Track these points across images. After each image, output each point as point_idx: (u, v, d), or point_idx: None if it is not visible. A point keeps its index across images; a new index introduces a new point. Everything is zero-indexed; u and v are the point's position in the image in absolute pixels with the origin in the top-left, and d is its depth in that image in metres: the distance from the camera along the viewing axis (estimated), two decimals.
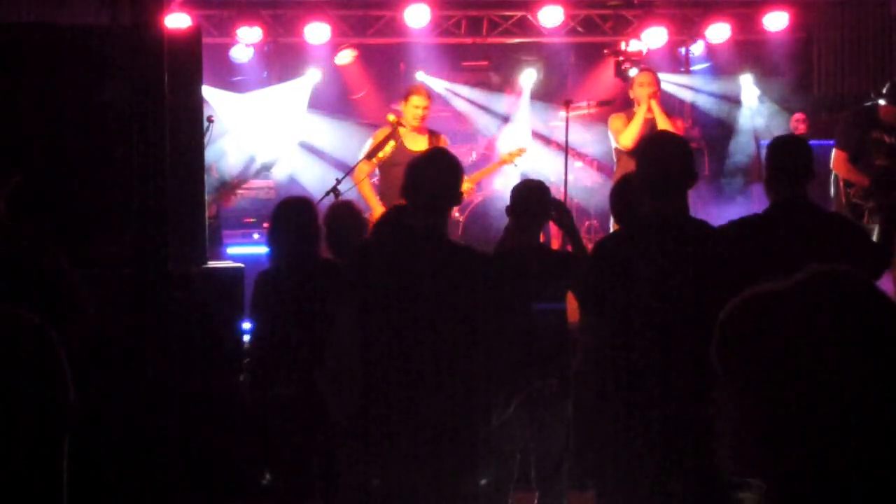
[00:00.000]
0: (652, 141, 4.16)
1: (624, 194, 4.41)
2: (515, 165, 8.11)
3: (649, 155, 3.67)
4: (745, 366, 1.33)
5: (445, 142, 7.47)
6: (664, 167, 3.54)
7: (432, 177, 3.56)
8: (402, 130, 7.22)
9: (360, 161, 7.32)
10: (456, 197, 3.66)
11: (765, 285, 1.36)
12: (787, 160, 4.51)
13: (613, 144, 7.61)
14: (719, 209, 9.07)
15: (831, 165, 7.09)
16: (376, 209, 7.00)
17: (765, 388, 1.31)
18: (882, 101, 7.00)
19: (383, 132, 7.32)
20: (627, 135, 7.32)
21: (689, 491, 3.38)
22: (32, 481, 2.10)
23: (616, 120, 7.54)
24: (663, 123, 7.23)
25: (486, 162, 9.30)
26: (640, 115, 7.35)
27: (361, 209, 5.28)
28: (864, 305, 1.31)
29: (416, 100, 7.18)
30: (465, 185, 7.54)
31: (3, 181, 4.42)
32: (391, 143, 7.18)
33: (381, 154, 7.24)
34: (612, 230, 7.48)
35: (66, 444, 2.14)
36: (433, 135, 7.37)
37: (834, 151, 7.10)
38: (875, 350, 1.28)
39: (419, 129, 7.25)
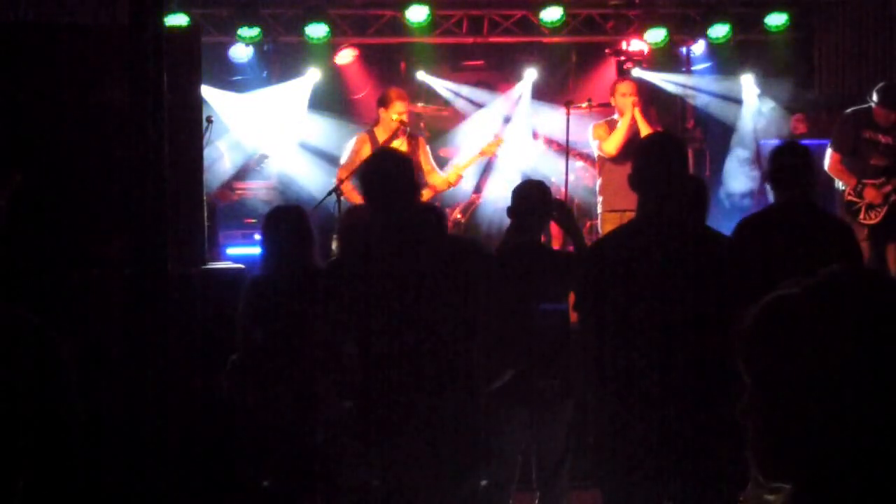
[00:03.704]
0: (652, 141, 4.15)
1: None
2: (496, 156, 8.12)
3: (650, 155, 3.66)
4: (771, 370, 1.32)
5: (424, 145, 7.55)
6: (665, 167, 3.53)
7: (391, 174, 3.60)
8: (379, 136, 7.25)
9: (344, 171, 7.25)
10: (414, 187, 3.70)
11: (786, 287, 1.34)
12: (785, 163, 4.61)
13: (596, 152, 7.73)
14: (720, 209, 9.07)
15: (825, 166, 7.30)
16: None
17: (791, 391, 1.30)
18: (875, 103, 7.18)
19: (360, 138, 7.32)
20: (612, 142, 7.49)
21: (688, 491, 3.37)
22: (36, 483, 2.09)
23: (598, 128, 7.71)
24: (647, 132, 7.32)
25: (491, 166, 9.29)
26: (624, 123, 7.51)
27: None
28: (890, 304, 1.30)
29: (400, 106, 7.22)
30: (452, 177, 7.54)
31: (4, 180, 4.42)
32: (394, 143, 7.20)
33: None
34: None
35: (72, 447, 2.13)
36: (412, 137, 7.39)
37: (828, 152, 7.32)
38: None
39: (399, 134, 7.27)
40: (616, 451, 3.45)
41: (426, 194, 7.38)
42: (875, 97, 7.25)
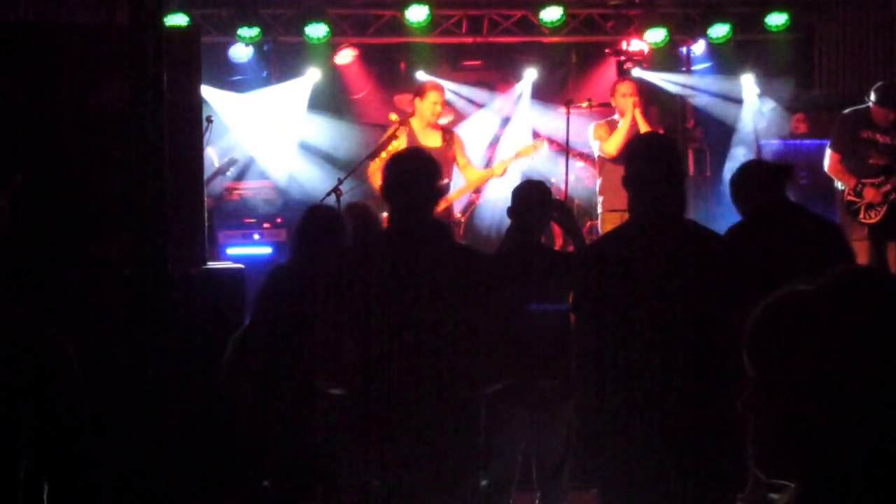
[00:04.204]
0: (649, 141, 4.14)
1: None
2: (533, 158, 8.15)
3: (650, 154, 3.65)
4: (779, 366, 1.31)
5: (459, 140, 7.51)
6: (665, 167, 3.52)
7: (412, 175, 3.59)
8: (415, 127, 7.25)
9: (368, 160, 7.32)
10: (435, 194, 3.68)
11: (797, 285, 1.34)
12: (761, 175, 4.70)
13: (596, 153, 7.76)
14: (720, 209, 9.07)
15: (824, 166, 7.39)
16: None
17: (799, 388, 1.29)
18: (873, 103, 7.24)
19: (392, 131, 7.35)
20: (612, 143, 7.52)
21: (688, 491, 3.37)
22: (39, 482, 2.09)
23: (599, 128, 7.73)
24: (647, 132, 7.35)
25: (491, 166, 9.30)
26: (624, 123, 7.55)
27: (377, 210, 5.33)
28: None
29: (434, 95, 7.24)
30: (498, 170, 7.50)
31: (4, 181, 4.41)
32: (395, 142, 7.23)
33: (386, 151, 7.30)
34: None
35: (76, 447, 2.13)
36: (447, 132, 7.40)
37: (827, 152, 7.39)
38: None
39: (434, 126, 7.28)
40: (616, 451, 3.45)
41: (464, 189, 7.38)
42: (873, 97, 7.31)
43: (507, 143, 9.68)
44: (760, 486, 4.64)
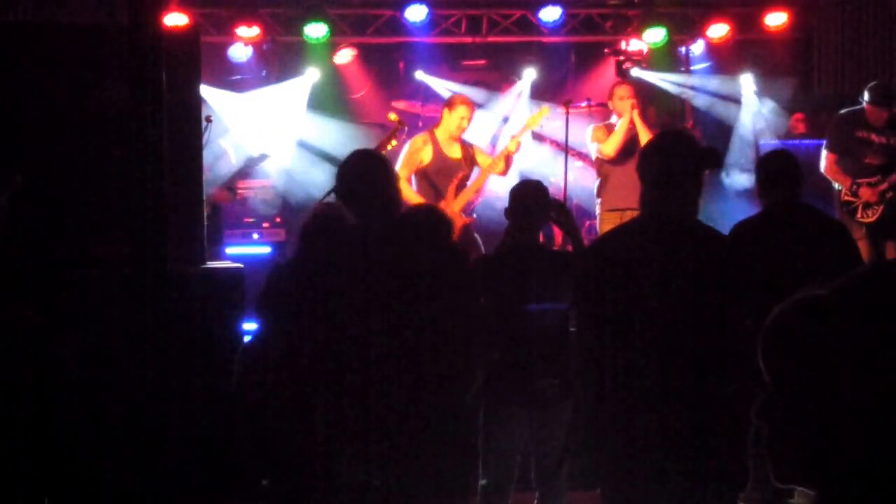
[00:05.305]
0: (653, 142, 4.15)
1: None
2: (541, 127, 8.14)
3: (653, 154, 3.65)
4: (794, 371, 1.30)
5: (481, 152, 7.58)
6: (668, 166, 3.52)
7: (360, 176, 3.67)
8: (440, 138, 7.29)
9: (401, 169, 7.32)
10: (382, 194, 3.75)
11: (811, 290, 1.33)
12: (777, 168, 4.70)
13: (594, 154, 7.76)
14: (720, 209, 9.08)
15: (821, 167, 7.43)
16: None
17: (816, 394, 1.28)
18: (867, 102, 7.27)
19: (421, 138, 7.36)
20: (610, 144, 7.54)
21: (689, 491, 3.37)
22: (38, 482, 2.10)
23: (597, 130, 7.74)
24: (645, 134, 7.36)
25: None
26: (622, 125, 7.56)
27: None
28: None
29: (464, 110, 7.26)
30: (512, 145, 7.40)
31: (4, 181, 4.42)
32: (393, 143, 7.26)
33: (385, 151, 7.34)
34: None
35: (74, 447, 2.14)
36: (464, 143, 7.42)
37: (823, 153, 7.45)
38: None
39: (456, 139, 7.31)
40: (616, 451, 3.45)
41: (482, 176, 7.34)
42: (866, 96, 7.34)
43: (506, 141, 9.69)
44: (763, 486, 4.64)
